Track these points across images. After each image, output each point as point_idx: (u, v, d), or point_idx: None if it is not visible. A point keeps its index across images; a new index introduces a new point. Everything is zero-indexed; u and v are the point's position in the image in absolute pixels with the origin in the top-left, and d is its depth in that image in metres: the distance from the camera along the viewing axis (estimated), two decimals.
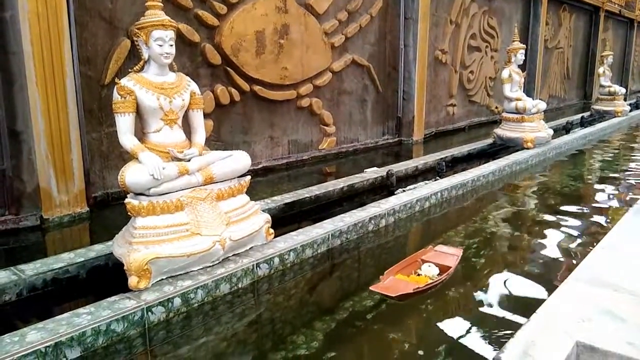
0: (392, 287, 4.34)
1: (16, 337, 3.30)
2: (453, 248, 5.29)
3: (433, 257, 4.98)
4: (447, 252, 5.12)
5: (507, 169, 9.17)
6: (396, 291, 4.22)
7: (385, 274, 4.53)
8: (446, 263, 4.86)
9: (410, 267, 4.84)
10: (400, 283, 4.43)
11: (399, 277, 4.57)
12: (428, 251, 5.15)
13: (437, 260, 4.88)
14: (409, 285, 4.38)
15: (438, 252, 5.14)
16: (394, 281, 4.49)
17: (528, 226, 6.61)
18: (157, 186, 4.27)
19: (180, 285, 4.13)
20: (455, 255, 5.02)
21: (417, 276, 4.67)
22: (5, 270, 4.28)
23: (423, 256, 5.01)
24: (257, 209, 5.10)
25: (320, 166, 10.23)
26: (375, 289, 4.29)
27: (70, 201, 6.27)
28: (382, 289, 4.29)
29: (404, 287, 4.30)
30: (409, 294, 4.23)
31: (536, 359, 2.97)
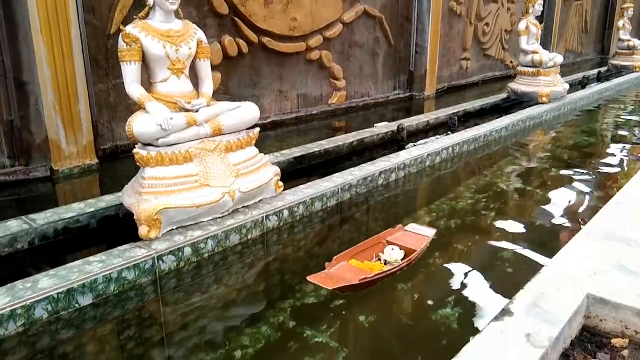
0: (335, 277, 3.74)
1: (29, 283, 3.35)
2: (426, 229, 4.67)
3: (400, 239, 4.41)
4: (417, 233, 4.53)
5: (520, 124, 8.99)
6: (336, 283, 3.61)
7: (336, 259, 3.97)
8: (413, 246, 4.26)
9: (371, 249, 4.27)
10: (349, 271, 3.86)
11: (351, 264, 4.00)
12: (396, 231, 4.55)
13: (404, 243, 4.32)
14: (359, 274, 3.78)
15: (408, 233, 4.56)
16: (342, 269, 3.91)
17: (540, 181, 6.53)
18: (165, 137, 4.22)
19: (190, 236, 4.14)
20: (426, 237, 4.44)
21: (373, 262, 4.11)
22: (16, 220, 4.31)
23: (389, 237, 4.42)
24: (266, 161, 5.05)
25: (330, 121, 10.10)
26: (313, 279, 3.68)
27: (80, 153, 6.26)
28: (320, 279, 3.69)
29: (350, 277, 3.72)
30: (353, 286, 3.63)
31: (546, 310, 2.97)
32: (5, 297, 3.18)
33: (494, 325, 2.85)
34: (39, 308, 3.24)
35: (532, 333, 2.75)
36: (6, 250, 4.09)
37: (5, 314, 3.10)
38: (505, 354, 2.58)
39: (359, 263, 4.02)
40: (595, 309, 3.13)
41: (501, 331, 2.78)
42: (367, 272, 3.83)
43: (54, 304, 3.31)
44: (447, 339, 3.29)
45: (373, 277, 3.73)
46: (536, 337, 2.72)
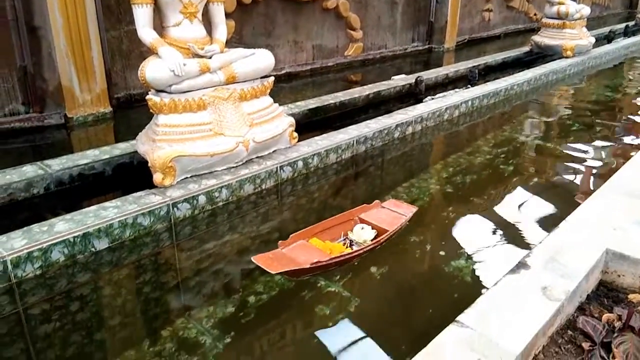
0: (284, 258, 3.36)
1: (45, 227, 3.38)
2: (406, 206, 4.19)
3: (374, 216, 3.98)
4: (394, 211, 4.08)
5: (543, 78, 8.71)
6: (283, 265, 3.22)
7: (294, 237, 3.59)
8: (386, 225, 3.83)
9: (340, 226, 3.87)
10: (304, 252, 3.45)
11: (312, 242, 3.61)
12: (372, 207, 4.13)
13: (377, 221, 3.89)
14: (314, 255, 3.39)
15: (384, 210, 4.12)
16: (296, 248, 3.51)
17: (560, 137, 6.36)
18: (178, 83, 4.14)
19: (204, 184, 4.13)
20: (403, 216, 3.99)
21: (335, 243, 3.70)
22: (32, 165, 4.33)
23: (362, 213, 4.01)
24: (280, 111, 4.96)
25: (346, 73, 9.88)
26: (258, 260, 3.27)
27: (93, 100, 6.21)
28: (265, 261, 3.26)
29: (303, 259, 3.33)
30: (303, 270, 3.25)
31: (563, 264, 2.93)
32: (22, 240, 3.22)
33: (510, 277, 2.82)
34: (56, 251, 3.28)
35: (548, 286, 2.72)
36: (22, 195, 4.12)
37: (22, 256, 3.14)
38: (520, 306, 2.55)
39: (320, 242, 3.60)
40: (613, 264, 3.08)
41: (517, 283, 2.75)
42: (325, 254, 3.42)
43: (70, 248, 3.35)
44: (459, 291, 3.28)
45: (327, 262, 3.31)
46: (552, 291, 2.68)
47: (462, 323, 2.43)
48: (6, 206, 4.03)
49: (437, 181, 4.96)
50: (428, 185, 4.85)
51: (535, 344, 2.42)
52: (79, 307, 3.07)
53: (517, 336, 2.34)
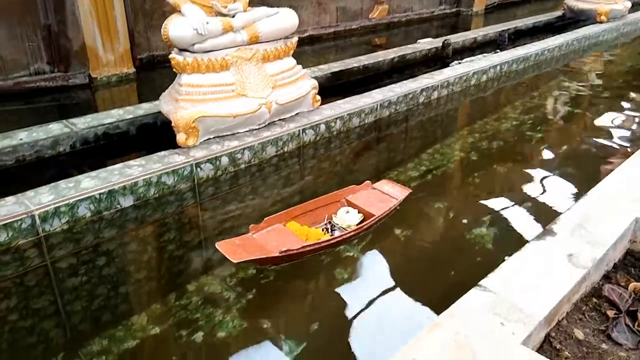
0: (251, 245, 3.06)
1: (71, 183, 3.44)
2: (399, 188, 3.83)
3: (362, 198, 3.67)
4: (385, 193, 3.74)
5: (575, 43, 8.40)
6: (248, 254, 2.92)
7: (268, 220, 3.28)
8: (374, 209, 3.52)
9: (325, 208, 3.56)
10: (277, 238, 3.16)
11: (289, 227, 3.31)
12: (361, 188, 3.80)
13: (364, 204, 3.58)
14: (286, 242, 3.07)
15: (374, 192, 3.78)
16: (269, 234, 3.21)
17: (591, 105, 6.17)
18: (201, 42, 4.09)
19: (227, 145, 4.13)
20: (393, 199, 3.65)
21: (313, 228, 3.38)
22: (58, 123, 4.37)
23: (350, 195, 3.70)
24: (304, 73, 4.89)
25: (370, 37, 9.67)
26: (222, 247, 2.96)
27: (117, 61, 6.21)
28: (228, 248, 2.95)
29: (272, 247, 3.04)
30: (271, 258, 2.98)
31: (590, 232, 2.86)
32: (50, 195, 3.28)
33: (535, 243, 2.78)
34: (82, 207, 3.34)
35: (575, 253, 2.67)
36: (49, 152, 4.18)
37: (50, 211, 3.21)
38: (545, 272, 2.52)
39: (297, 227, 3.31)
40: None
41: (542, 250, 2.71)
42: (299, 241, 3.15)
43: (96, 204, 3.40)
44: (481, 258, 3.25)
45: (299, 250, 3.03)
46: (578, 258, 2.64)
47: (485, 287, 2.41)
48: (33, 163, 4.10)
49: (461, 147, 4.88)
50: (452, 152, 4.77)
51: (559, 310, 2.39)
52: (105, 262, 3.14)
53: (541, 301, 2.31)
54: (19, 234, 3.12)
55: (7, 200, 3.23)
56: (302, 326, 2.67)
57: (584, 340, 2.33)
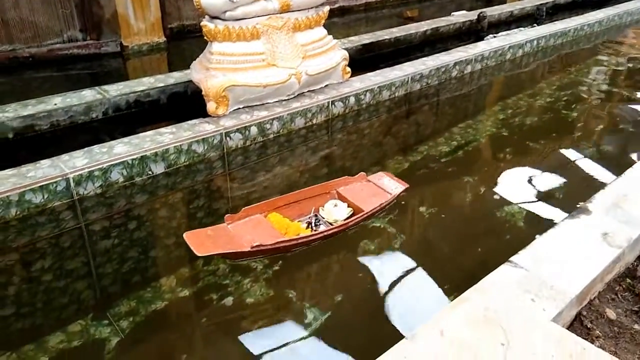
0: (221, 238, 2.86)
1: (104, 148, 3.49)
2: (396, 180, 3.52)
3: (354, 191, 3.39)
4: (379, 187, 3.44)
5: (616, 19, 8.05)
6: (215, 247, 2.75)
7: (247, 210, 3.06)
8: (364, 204, 3.23)
9: (312, 200, 3.30)
10: (252, 231, 2.94)
11: (269, 218, 3.08)
12: (355, 180, 3.52)
13: (354, 198, 3.31)
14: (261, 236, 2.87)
15: (368, 185, 3.49)
16: (246, 225, 2.99)
17: (630, 83, 5.93)
18: (232, 10, 4.05)
19: (256, 115, 4.13)
20: (388, 194, 3.36)
21: (295, 222, 3.13)
22: (90, 90, 4.43)
23: (342, 187, 3.42)
24: (334, 44, 4.82)
25: (402, 9, 9.46)
26: (188, 238, 2.78)
27: (148, 30, 6.23)
28: (195, 240, 2.77)
29: (246, 240, 2.83)
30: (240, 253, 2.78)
31: (627, 211, 2.78)
32: (84, 159, 3.35)
33: (569, 222, 2.72)
34: (115, 172, 3.40)
35: (610, 232, 2.60)
36: (82, 118, 4.25)
37: (84, 175, 3.27)
38: (578, 250, 2.47)
39: (279, 219, 3.08)
40: None
41: (575, 228, 2.65)
42: (277, 235, 2.93)
43: (129, 169, 3.46)
44: (511, 236, 3.20)
45: (272, 245, 2.81)
46: (614, 237, 2.57)
47: (516, 263, 2.37)
48: (67, 128, 4.18)
49: (494, 123, 4.77)
50: (485, 127, 4.67)
51: (591, 289, 2.35)
52: (136, 226, 3.20)
53: (573, 279, 2.27)
54: (54, 196, 3.20)
55: (42, 163, 3.31)
56: (328, 297, 2.69)
57: (615, 320, 2.29)
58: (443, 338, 1.95)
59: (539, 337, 1.96)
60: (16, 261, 2.87)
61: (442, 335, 1.96)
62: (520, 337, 1.95)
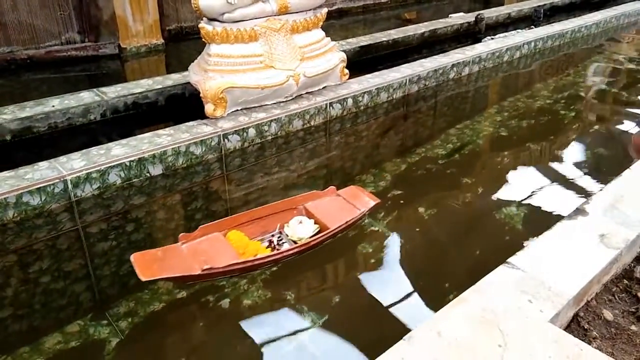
0: (174, 259, 2.68)
1: (102, 150, 3.49)
2: (367, 195, 3.34)
3: (322, 207, 3.19)
4: (349, 202, 3.24)
5: (613, 21, 8.07)
6: (160, 271, 2.56)
7: (202, 229, 2.87)
8: (331, 221, 3.03)
9: (278, 216, 3.11)
10: (209, 251, 2.75)
11: (229, 237, 2.88)
12: (324, 194, 3.32)
13: (321, 215, 3.10)
14: (214, 258, 2.68)
15: (337, 200, 3.29)
16: (201, 244, 2.80)
17: (627, 85, 5.94)
18: (230, 12, 4.06)
19: (254, 117, 4.13)
20: (357, 210, 3.16)
21: (255, 241, 2.94)
22: (89, 91, 4.43)
23: (310, 201, 3.23)
24: (332, 46, 4.83)
25: (400, 11, 9.48)
26: (135, 259, 2.61)
27: (146, 31, 6.23)
28: (142, 262, 2.59)
29: (200, 262, 2.64)
30: (188, 276, 2.60)
31: (624, 212, 2.79)
32: (81, 161, 3.35)
33: (566, 223, 2.72)
34: (113, 174, 3.40)
35: (607, 234, 2.60)
36: (80, 120, 4.25)
37: (82, 177, 3.27)
38: (576, 252, 2.47)
39: (239, 237, 2.87)
40: None
41: (573, 229, 2.65)
42: (234, 256, 2.74)
43: (126, 171, 3.45)
44: (509, 237, 3.20)
45: (224, 268, 2.64)
46: (611, 238, 2.57)
47: (513, 265, 2.37)
48: (65, 130, 4.17)
49: (491, 124, 4.78)
50: (482, 128, 4.68)
51: (588, 290, 2.35)
52: (134, 227, 3.20)
53: (571, 281, 2.27)
54: (52, 198, 3.19)
55: (40, 165, 3.31)
56: (325, 298, 2.68)
57: (612, 321, 2.29)
58: (440, 339, 1.95)
59: (537, 339, 1.96)
60: (14, 263, 2.86)
61: (440, 336, 1.96)
62: (517, 338, 1.95)
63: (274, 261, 2.81)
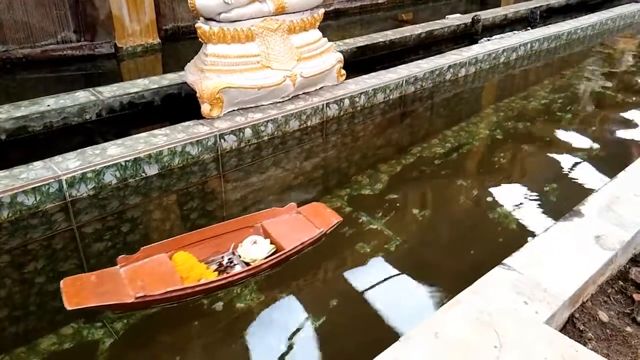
0: (109, 284, 2.48)
1: (97, 150, 3.48)
2: (329, 213, 3.17)
3: (279, 225, 3.03)
4: (310, 220, 3.06)
5: (609, 23, 8.11)
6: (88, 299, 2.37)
7: (145, 250, 2.68)
8: (287, 241, 2.86)
9: (233, 235, 2.93)
10: (149, 275, 2.56)
11: (175, 259, 2.68)
12: (284, 211, 3.15)
13: (278, 234, 2.94)
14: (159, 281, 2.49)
15: (297, 218, 3.11)
16: (142, 268, 2.60)
17: (623, 86, 5.97)
18: (227, 12, 4.05)
19: (251, 117, 4.12)
20: (317, 229, 2.98)
21: (202, 264, 2.73)
22: (84, 91, 4.42)
23: (268, 219, 3.06)
24: (329, 46, 4.82)
25: (397, 12, 9.48)
26: (65, 285, 2.43)
27: (142, 31, 6.22)
28: (71, 287, 2.42)
29: (137, 287, 2.45)
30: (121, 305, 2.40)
31: (619, 214, 2.80)
32: (76, 161, 3.33)
33: (561, 224, 2.73)
34: (108, 173, 3.38)
35: (602, 235, 2.61)
36: (75, 120, 4.23)
37: (77, 177, 3.26)
38: (571, 253, 2.47)
39: (186, 259, 2.68)
40: None
41: (568, 231, 2.66)
42: (175, 281, 2.53)
43: (122, 171, 3.44)
44: (504, 238, 3.21)
45: (161, 296, 2.43)
46: (606, 240, 2.58)
47: (509, 266, 2.38)
48: (60, 130, 4.16)
49: (487, 125, 4.79)
50: (478, 130, 4.69)
51: (584, 291, 2.36)
52: (129, 227, 3.19)
53: (566, 282, 2.28)
54: (47, 198, 3.18)
55: (35, 164, 3.29)
56: (322, 300, 2.68)
57: (608, 322, 2.30)
58: (436, 340, 1.95)
59: (532, 340, 1.96)
60: (8, 263, 2.84)
61: (436, 337, 1.96)
62: (513, 339, 1.95)
63: (221, 287, 2.59)
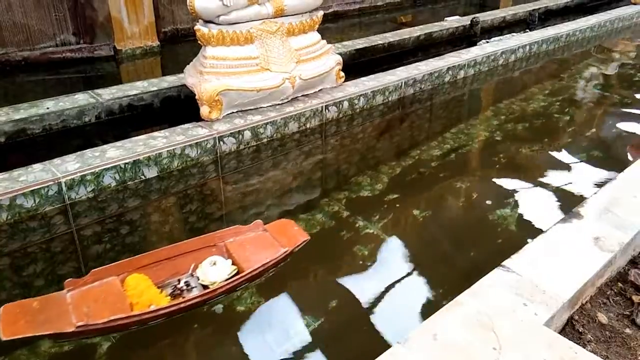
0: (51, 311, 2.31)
1: (97, 152, 3.48)
2: (296, 231, 3.01)
3: (242, 245, 2.86)
4: (275, 238, 2.90)
5: (608, 24, 8.12)
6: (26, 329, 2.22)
7: (96, 272, 2.52)
8: (249, 262, 2.71)
9: (193, 255, 2.76)
10: (97, 301, 2.38)
11: (127, 282, 2.50)
12: (248, 229, 2.97)
13: (239, 255, 2.78)
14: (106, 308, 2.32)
15: (262, 236, 2.93)
16: (90, 292, 2.43)
17: (622, 88, 5.98)
18: (226, 14, 4.05)
19: (250, 120, 4.12)
20: (282, 248, 2.81)
21: (156, 289, 2.53)
22: (83, 93, 4.42)
23: (231, 238, 2.89)
24: (328, 48, 4.83)
25: (396, 14, 9.49)
26: (4, 311, 2.30)
27: (141, 33, 6.22)
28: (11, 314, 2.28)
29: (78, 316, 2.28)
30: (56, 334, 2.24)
31: (619, 216, 2.80)
32: (76, 164, 3.33)
33: (560, 226, 2.73)
34: (107, 176, 3.38)
35: (601, 237, 2.62)
36: (75, 122, 4.23)
37: (76, 179, 3.25)
38: (570, 255, 2.48)
39: (140, 282, 2.50)
40: None
41: (568, 232, 2.66)
42: (124, 308, 2.35)
43: (121, 174, 3.44)
44: (504, 239, 3.21)
45: (103, 325, 2.25)
46: (605, 242, 2.59)
47: (509, 268, 2.38)
48: (60, 132, 4.15)
49: (486, 127, 4.79)
50: (477, 132, 4.69)
51: (583, 293, 2.36)
52: (128, 230, 3.18)
53: (565, 284, 2.28)
54: (46, 201, 3.18)
55: (34, 167, 3.29)
56: (321, 302, 2.67)
57: (607, 324, 2.30)
58: (436, 342, 1.95)
59: (531, 342, 1.96)
60: (7, 266, 2.84)
61: (435, 339, 1.96)
62: (512, 341, 1.95)
63: (174, 312, 2.41)
